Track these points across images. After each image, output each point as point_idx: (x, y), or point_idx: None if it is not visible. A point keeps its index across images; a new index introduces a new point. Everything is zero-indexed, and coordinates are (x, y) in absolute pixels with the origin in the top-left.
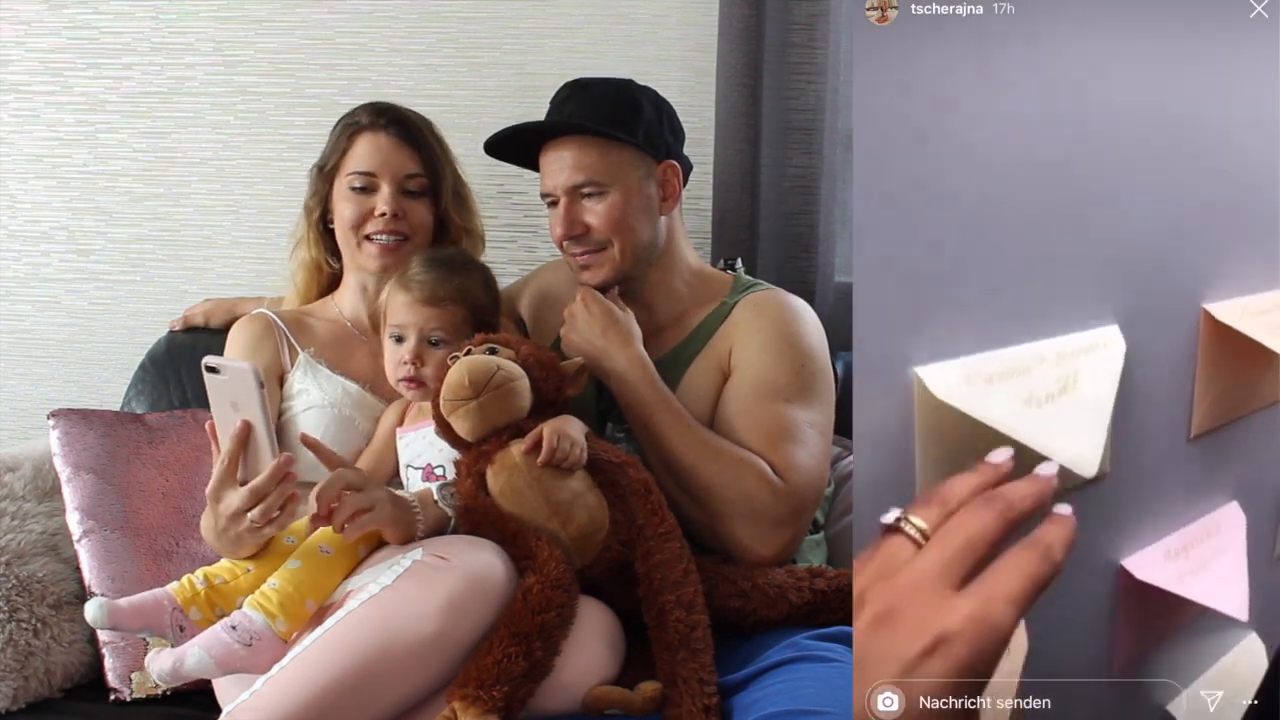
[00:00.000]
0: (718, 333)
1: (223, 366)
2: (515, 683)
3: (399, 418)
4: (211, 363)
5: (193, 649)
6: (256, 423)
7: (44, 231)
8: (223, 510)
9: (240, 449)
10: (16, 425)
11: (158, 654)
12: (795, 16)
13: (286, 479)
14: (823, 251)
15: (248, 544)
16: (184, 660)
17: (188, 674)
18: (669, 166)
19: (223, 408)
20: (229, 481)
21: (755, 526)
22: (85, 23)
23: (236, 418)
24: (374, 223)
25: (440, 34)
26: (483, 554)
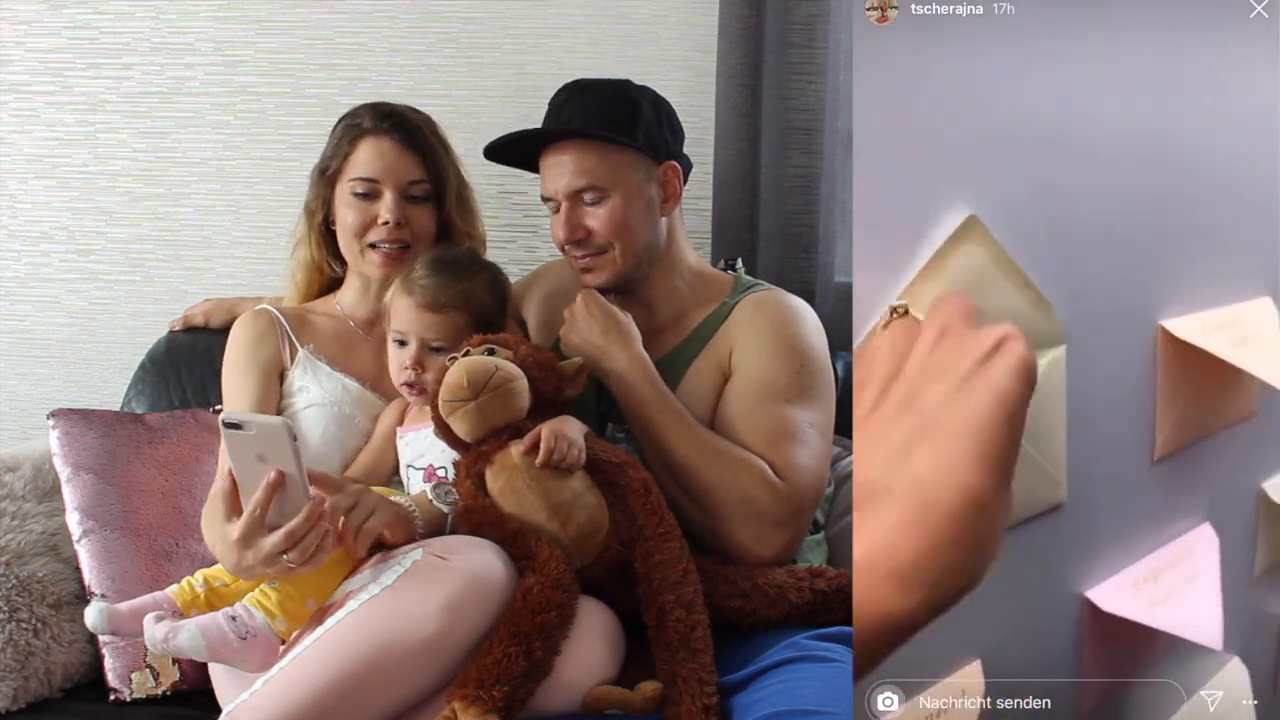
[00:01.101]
0: (718, 333)
1: (247, 422)
2: (515, 683)
3: (399, 416)
4: (233, 419)
5: (189, 625)
6: (290, 472)
7: (44, 231)
8: (254, 556)
9: (271, 497)
10: (16, 425)
11: (158, 620)
12: (795, 16)
13: (321, 518)
14: (823, 251)
15: (276, 575)
16: (178, 634)
17: (177, 648)
18: (669, 167)
19: (246, 460)
20: (260, 530)
21: (756, 527)
22: (85, 23)
23: (265, 469)
24: (377, 231)
25: (440, 34)
26: (483, 554)
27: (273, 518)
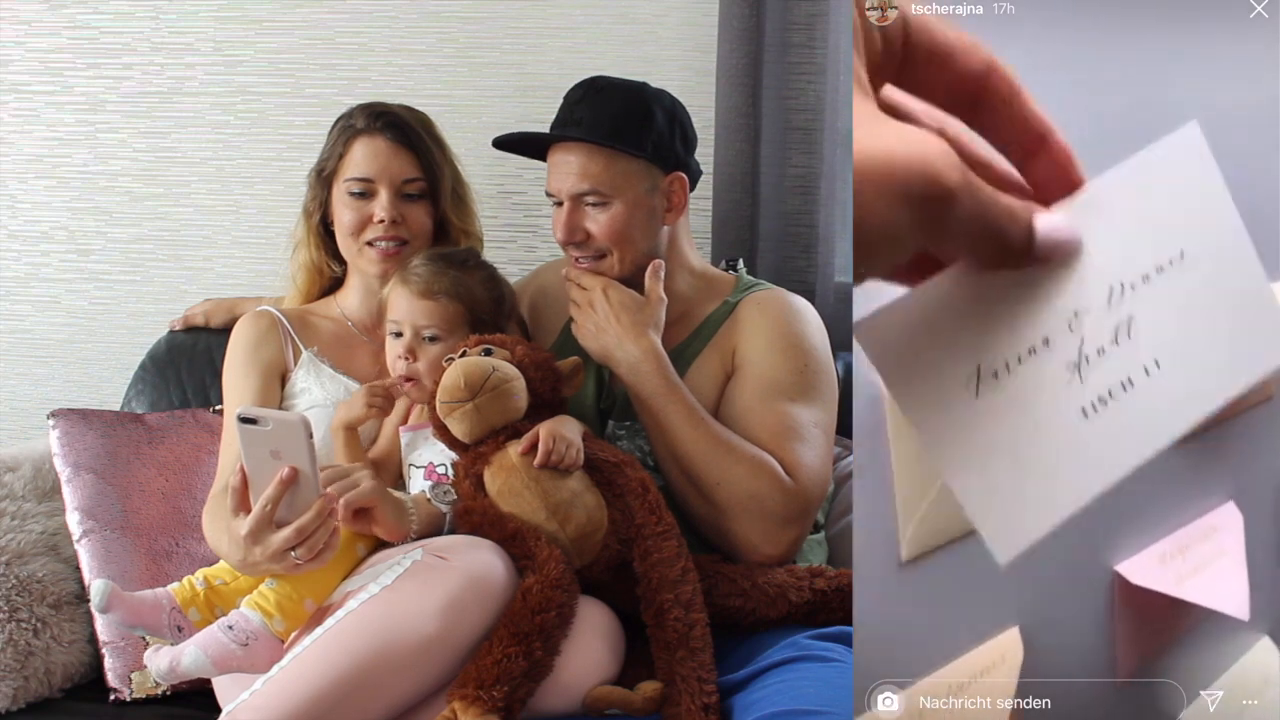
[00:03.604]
0: (720, 330)
1: (263, 418)
2: (515, 683)
3: (405, 413)
4: (249, 414)
5: (189, 648)
6: (304, 468)
7: (44, 231)
8: (261, 551)
9: (284, 493)
10: (16, 425)
11: (156, 652)
12: (795, 16)
13: (331, 515)
14: (823, 251)
15: (281, 573)
16: (180, 659)
17: (184, 673)
18: (676, 178)
19: (259, 456)
20: (269, 526)
21: (763, 524)
22: (85, 23)
23: (278, 465)
24: (373, 229)
25: (440, 34)
26: (482, 554)
27: (282, 514)
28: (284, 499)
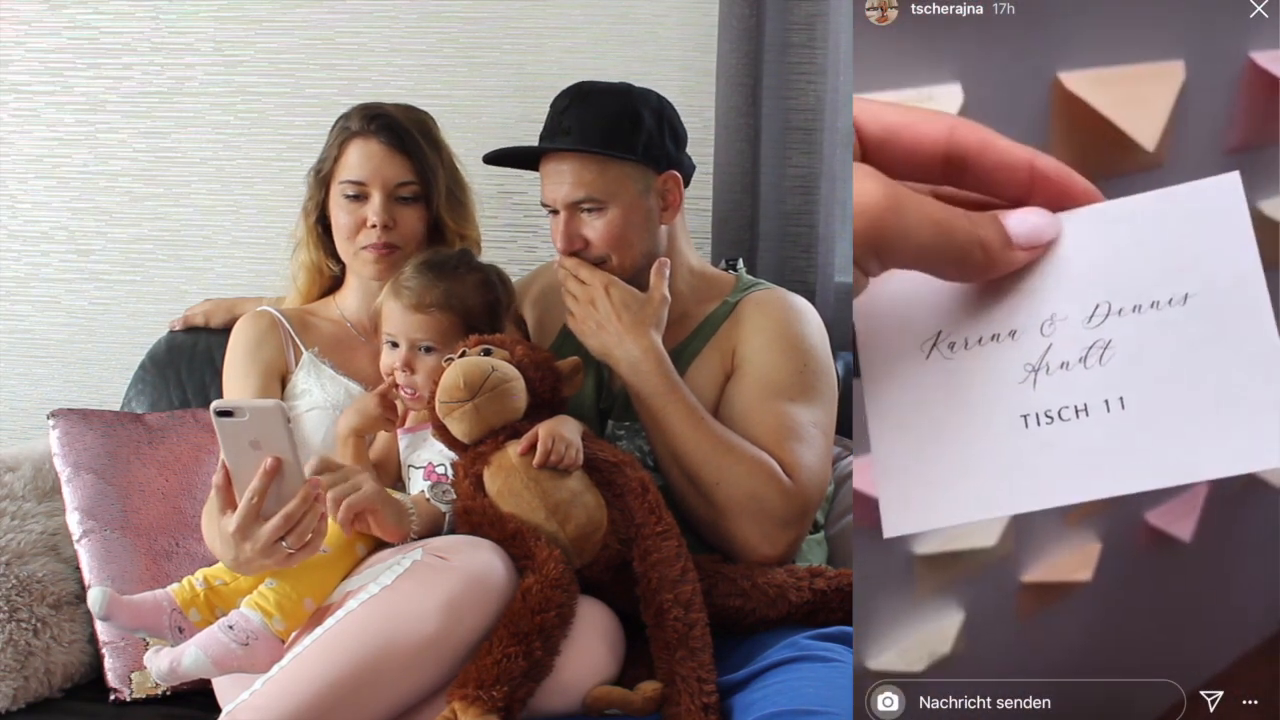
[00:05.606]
0: (720, 330)
1: (239, 408)
2: (515, 683)
3: (402, 416)
4: (225, 406)
5: (190, 648)
6: (286, 457)
7: (44, 231)
8: (251, 546)
9: (269, 485)
10: (16, 425)
11: (156, 653)
12: (795, 16)
13: (318, 501)
14: (823, 251)
15: (274, 567)
16: (181, 660)
17: (185, 674)
18: (670, 177)
19: (240, 449)
20: (257, 519)
21: (762, 525)
22: (85, 23)
23: (260, 456)
24: (366, 234)
25: (440, 34)
26: (482, 554)
27: (269, 506)
28: (270, 491)
